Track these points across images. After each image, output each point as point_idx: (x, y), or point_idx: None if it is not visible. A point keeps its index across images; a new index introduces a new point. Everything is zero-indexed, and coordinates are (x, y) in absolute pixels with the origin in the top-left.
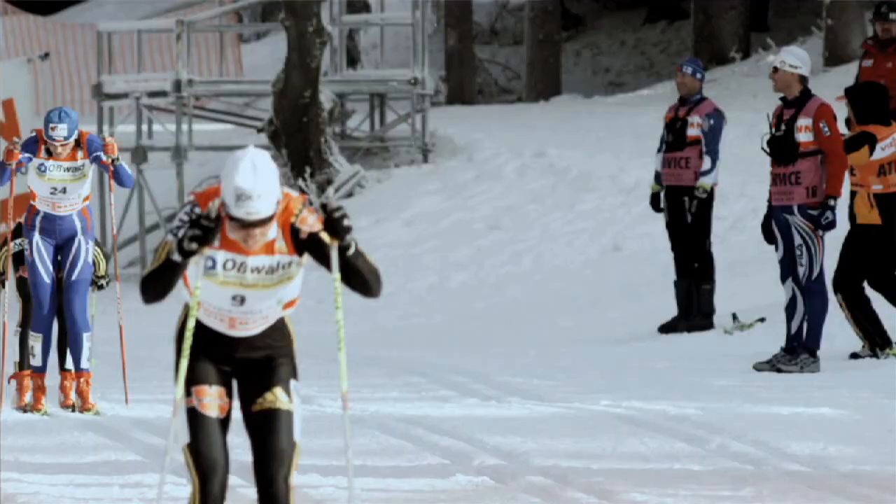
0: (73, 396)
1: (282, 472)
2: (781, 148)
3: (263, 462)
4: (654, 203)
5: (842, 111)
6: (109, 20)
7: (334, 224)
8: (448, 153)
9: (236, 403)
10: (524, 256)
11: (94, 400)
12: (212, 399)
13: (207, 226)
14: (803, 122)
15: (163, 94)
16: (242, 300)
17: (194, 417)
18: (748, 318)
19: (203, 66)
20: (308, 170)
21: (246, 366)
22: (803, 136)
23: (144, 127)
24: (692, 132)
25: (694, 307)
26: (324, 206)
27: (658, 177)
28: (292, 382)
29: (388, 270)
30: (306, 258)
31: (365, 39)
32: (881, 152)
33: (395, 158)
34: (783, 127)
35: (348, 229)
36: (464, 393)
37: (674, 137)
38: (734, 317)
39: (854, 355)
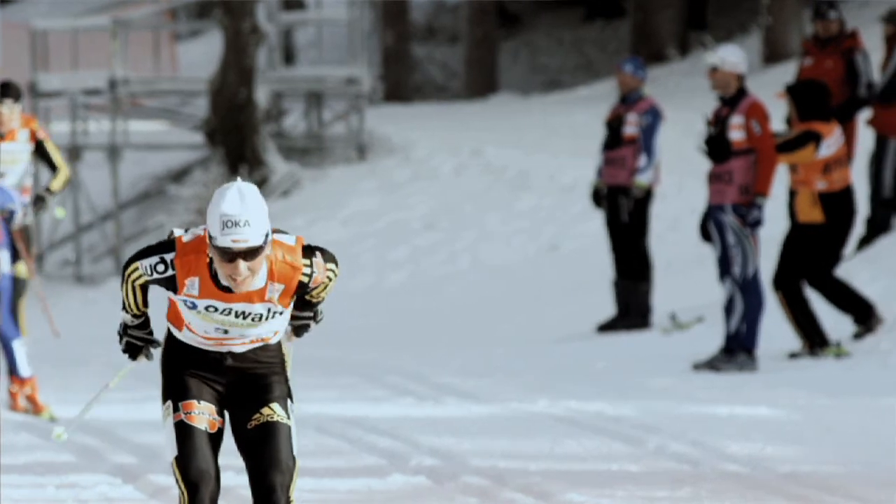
0: (21, 402)
1: (283, 482)
2: (715, 147)
3: (263, 472)
4: (596, 199)
5: (781, 109)
6: (44, 18)
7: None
8: (385, 152)
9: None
10: (461, 256)
11: (44, 402)
12: (200, 412)
13: (136, 345)
14: (736, 120)
15: (98, 92)
16: (227, 332)
17: (181, 430)
18: (687, 317)
19: (138, 65)
20: (244, 169)
21: (238, 384)
22: (736, 135)
23: (80, 125)
24: (629, 130)
25: (632, 307)
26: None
27: (601, 173)
28: (289, 402)
29: None
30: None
31: (303, 38)
32: (826, 150)
33: (331, 157)
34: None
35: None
36: (401, 393)
37: (611, 136)
38: (672, 316)
39: (793, 355)
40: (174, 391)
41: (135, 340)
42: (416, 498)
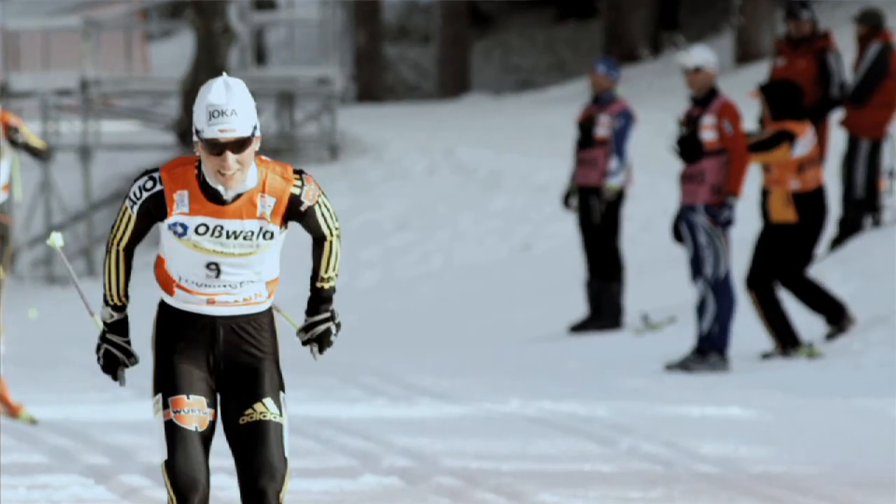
0: None
1: (273, 488)
2: (687, 147)
3: (253, 477)
4: (566, 202)
5: (753, 109)
6: (15, 18)
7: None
8: (357, 152)
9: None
10: (434, 256)
11: (18, 402)
12: (190, 410)
13: (114, 357)
14: (708, 120)
15: (69, 92)
16: (218, 269)
17: (171, 431)
18: (659, 318)
19: (110, 65)
20: None
21: (231, 372)
22: (708, 135)
23: (51, 126)
24: (601, 132)
25: (604, 307)
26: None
27: (574, 176)
28: (281, 394)
29: (297, 271)
30: (287, 228)
31: (275, 38)
32: (801, 149)
33: (303, 157)
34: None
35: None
36: (373, 393)
37: (584, 136)
38: (644, 317)
39: (765, 355)
40: (165, 382)
41: (112, 349)
42: (388, 498)
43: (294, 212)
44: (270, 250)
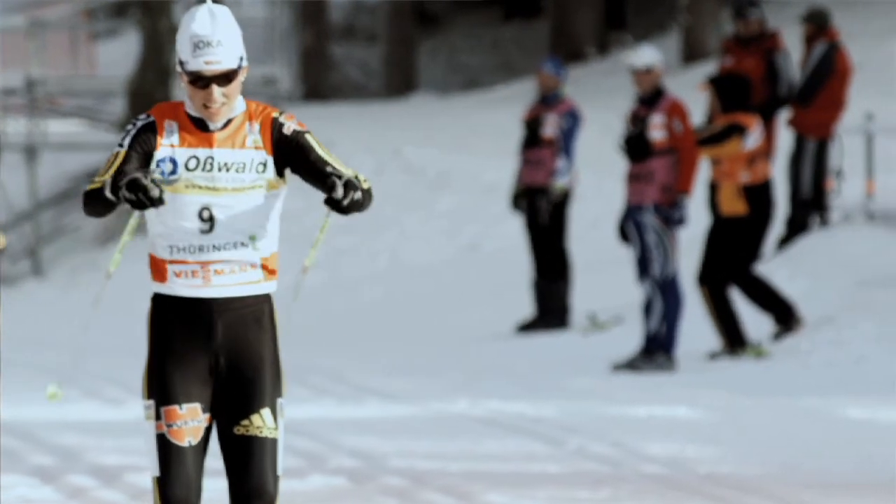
0: None
1: None
2: (635, 146)
3: (244, 499)
4: (514, 203)
5: (700, 107)
6: None
7: (342, 211)
8: None
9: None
10: (381, 256)
11: None
12: (184, 423)
13: (144, 185)
14: (657, 119)
15: (15, 92)
16: (211, 217)
17: (164, 448)
18: (606, 318)
19: (56, 64)
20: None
21: (228, 371)
22: (657, 134)
23: None
24: (548, 131)
25: (550, 307)
26: (332, 200)
27: (520, 177)
28: (278, 401)
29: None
30: (283, 186)
31: None
32: (752, 142)
33: None
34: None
35: (359, 204)
36: (321, 393)
37: (530, 136)
38: (591, 317)
39: (712, 355)
40: (158, 388)
41: (134, 177)
42: (335, 499)
43: (280, 138)
44: (265, 200)
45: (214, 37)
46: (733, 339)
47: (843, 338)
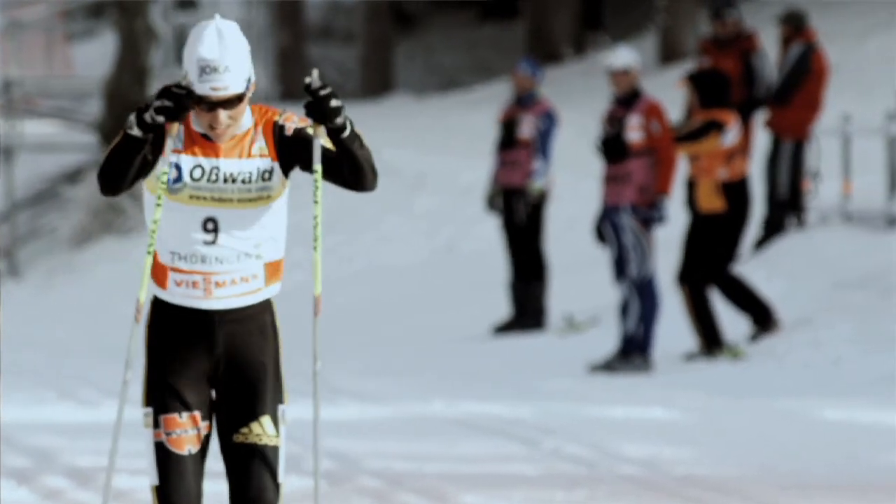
0: None
1: None
2: (612, 147)
3: None
4: (490, 204)
5: (677, 108)
6: None
7: (320, 104)
8: None
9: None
10: (358, 257)
11: None
12: (183, 432)
13: (178, 93)
14: (634, 121)
15: None
16: (216, 228)
17: (163, 456)
18: (582, 319)
19: (32, 65)
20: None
21: (228, 371)
22: (635, 135)
23: None
24: (524, 133)
25: (527, 308)
26: (307, 87)
27: (496, 179)
28: (280, 408)
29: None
30: (289, 182)
31: None
32: (731, 138)
33: None
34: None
35: (335, 111)
36: (297, 394)
37: (506, 137)
38: (568, 318)
39: (689, 356)
40: (157, 396)
41: (168, 91)
42: (311, 500)
43: (282, 141)
44: (272, 209)
45: (222, 62)
46: (710, 339)
47: (820, 339)
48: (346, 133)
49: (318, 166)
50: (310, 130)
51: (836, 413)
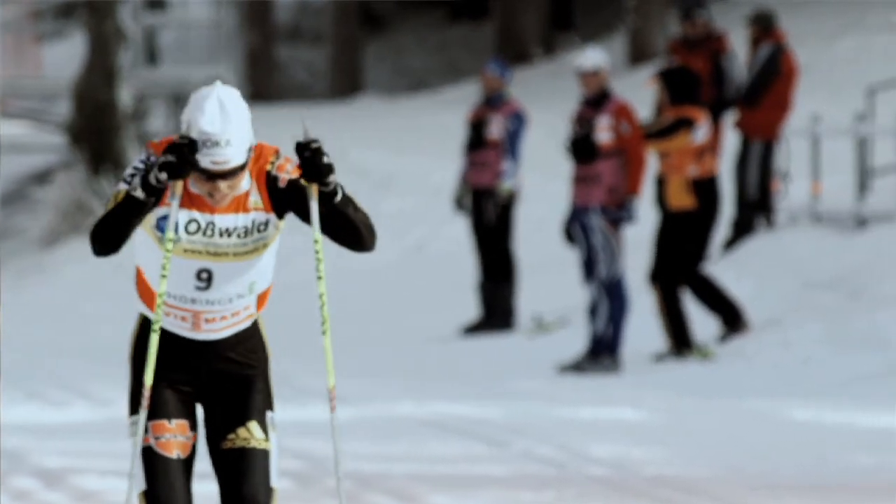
0: None
1: None
2: (581, 148)
3: None
4: (458, 205)
5: (646, 109)
6: None
7: (311, 161)
8: None
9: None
10: (326, 259)
11: None
12: (172, 437)
13: (183, 148)
14: (604, 122)
15: None
16: (209, 277)
17: (151, 460)
18: (551, 319)
19: (2, 66)
20: (107, 170)
21: (214, 386)
22: (604, 136)
23: None
24: (493, 133)
25: (496, 309)
26: (298, 143)
27: (465, 179)
28: (268, 414)
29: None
30: (284, 224)
31: (168, 38)
32: (701, 135)
33: None
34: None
35: (329, 168)
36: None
37: (475, 138)
38: (537, 319)
39: (658, 357)
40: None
41: (173, 148)
42: (280, 501)
43: (275, 193)
44: (267, 253)
45: (223, 136)
46: (680, 340)
47: (790, 339)
48: (339, 198)
49: (317, 235)
50: (303, 182)
51: (805, 414)
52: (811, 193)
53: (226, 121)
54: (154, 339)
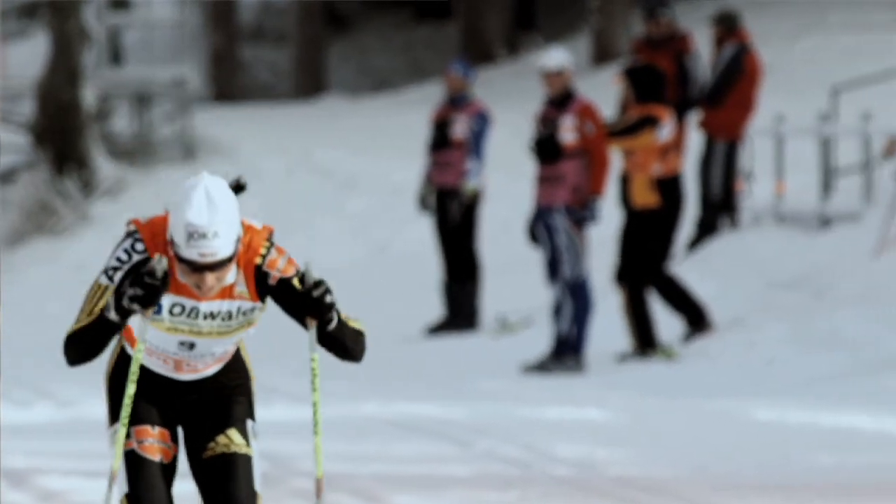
0: None
1: None
2: (545, 149)
3: None
4: (422, 204)
5: (611, 109)
6: None
7: (317, 302)
8: (213, 153)
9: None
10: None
11: None
12: (154, 441)
13: (153, 285)
14: (568, 122)
15: None
16: (192, 346)
17: (134, 462)
18: (516, 319)
19: None
20: (71, 170)
21: (194, 406)
22: (568, 136)
23: None
24: (457, 133)
25: (460, 308)
26: (301, 282)
27: (429, 178)
28: (249, 423)
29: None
30: (268, 303)
31: (132, 38)
32: (665, 133)
33: (159, 159)
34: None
35: (331, 307)
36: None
37: (439, 137)
38: (501, 319)
39: (622, 357)
40: (125, 413)
41: (141, 280)
42: None
43: (264, 288)
44: (253, 326)
45: (211, 228)
46: (644, 340)
47: (754, 339)
48: (333, 325)
49: (314, 354)
50: (297, 285)
51: (769, 414)
52: (775, 193)
53: (213, 212)
54: (133, 380)
